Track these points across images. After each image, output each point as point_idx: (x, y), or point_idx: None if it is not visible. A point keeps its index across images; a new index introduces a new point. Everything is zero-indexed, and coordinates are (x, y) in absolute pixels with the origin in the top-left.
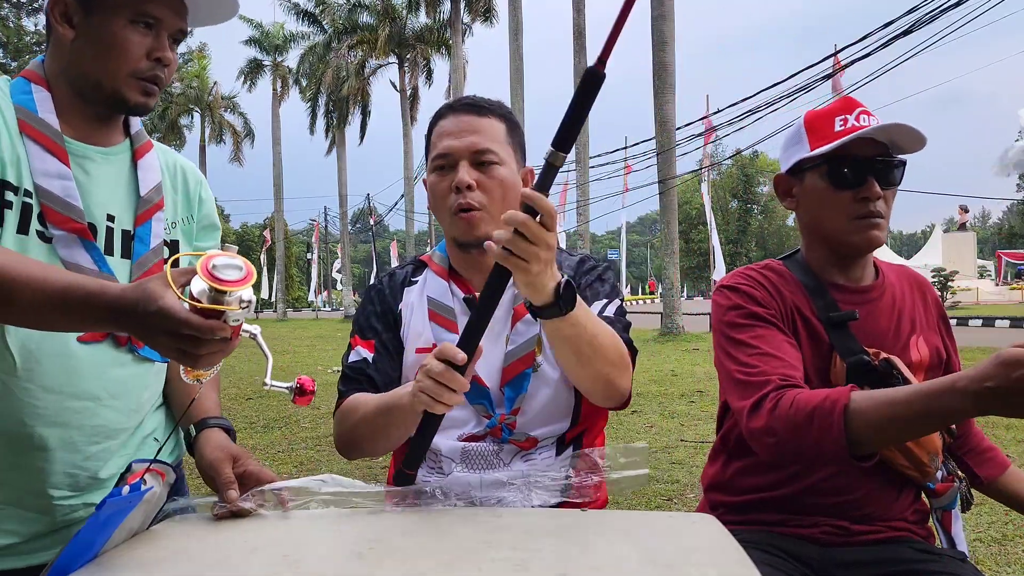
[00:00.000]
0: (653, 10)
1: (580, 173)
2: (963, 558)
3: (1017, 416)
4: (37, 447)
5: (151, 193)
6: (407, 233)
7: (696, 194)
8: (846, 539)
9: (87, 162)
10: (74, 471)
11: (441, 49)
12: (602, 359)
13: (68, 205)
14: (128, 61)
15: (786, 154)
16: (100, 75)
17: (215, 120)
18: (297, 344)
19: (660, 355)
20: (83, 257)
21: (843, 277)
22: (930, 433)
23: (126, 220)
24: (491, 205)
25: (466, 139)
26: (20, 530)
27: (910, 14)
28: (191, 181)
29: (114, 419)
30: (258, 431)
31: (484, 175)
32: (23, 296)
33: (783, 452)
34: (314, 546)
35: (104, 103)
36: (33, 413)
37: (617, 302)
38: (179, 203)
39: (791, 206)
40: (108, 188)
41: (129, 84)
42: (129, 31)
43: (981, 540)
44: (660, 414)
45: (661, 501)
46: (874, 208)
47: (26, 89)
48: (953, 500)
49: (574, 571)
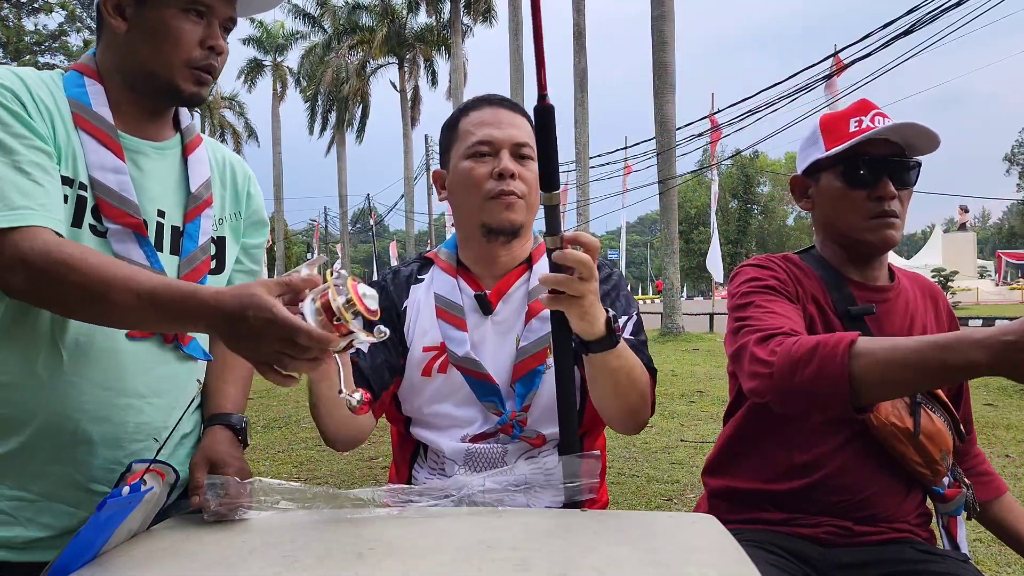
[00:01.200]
0: (653, 10)
1: (580, 173)
2: (965, 559)
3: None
4: (81, 441)
5: (200, 189)
6: (407, 233)
7: (696, 194)
8: (848, 539)
9: (140, 157)
10: (115, 466)
11: (441, 49)
12: (635, 392)
13: (124, 199)
14: (183, 50)
15: (802, 155)
16: (155, 65)
17: (215, 120)
18: None
19: (660, 355)
20: (136, 252)
21: (859, 275)
22: (937, 387)
23: (176, 216)
24: (529, 195)
25: (508, 131)
26: (53, 523)
27: (910, 14)
28: (239, 177)
29: (156, 416)
30: (258, 431)
31: (523, 167)
32: (118, 296)
33: (780, 388)
34: (314, 546)
35: (158, 94)
36: (79, 408)
37: (635, 317)
38: (227, 199)
39: (807, 207)
40: (160, 183)
41: (183, 74)
42: (182, 20)
43: (981, 540)
44: (660, 414)
45: (661, 501)
46: (889, 208)
47: (79, 83)
48: (959, 506)
49: (574, 571)
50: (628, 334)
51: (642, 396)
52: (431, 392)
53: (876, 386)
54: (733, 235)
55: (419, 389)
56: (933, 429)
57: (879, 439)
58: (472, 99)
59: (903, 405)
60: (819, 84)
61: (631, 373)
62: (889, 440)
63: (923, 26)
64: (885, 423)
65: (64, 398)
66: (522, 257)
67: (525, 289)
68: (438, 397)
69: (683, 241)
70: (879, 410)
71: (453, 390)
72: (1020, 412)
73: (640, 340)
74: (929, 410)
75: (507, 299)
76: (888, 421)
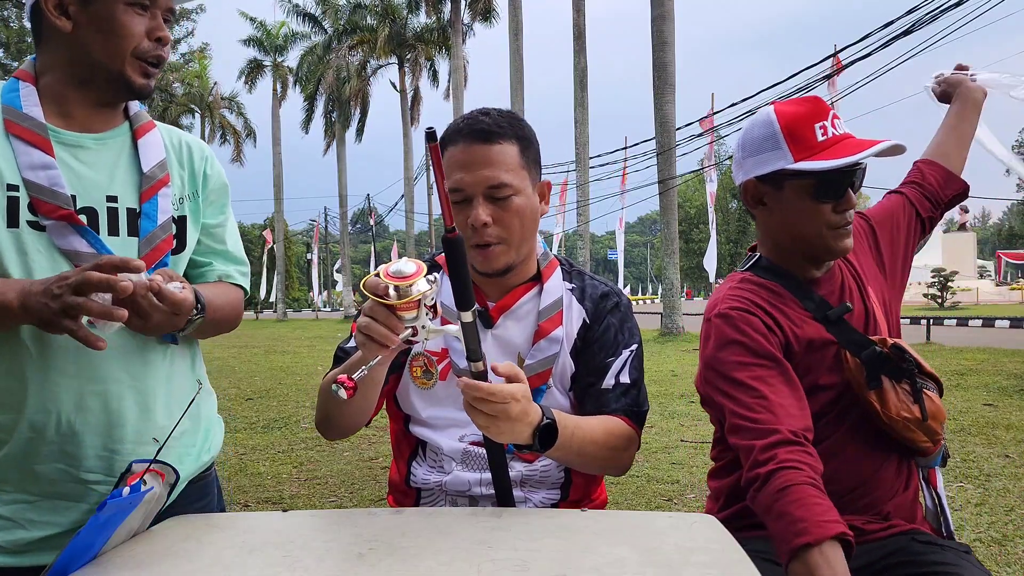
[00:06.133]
0: (653, 10)
1: (580, 173)
2: (967, 550)
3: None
4: (67, 434)
5: (154, 169)
6: (407, 234)
7: (696, 193)
8: (858, 539)
9: (80, 151)
10: (105, 454)
11: (441, 49)
12: (592, 462)
13: (55, 194)
14: (131, 42)
15: (759, 158)
16: (105, 59)
17: (215, 120)
18: (297, 344)
19: (660, 355)
20: (79, 243)
21: (817, 271)
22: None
23: (130, 199)
24: (510, 236)
25: (479, 173)
26: (56, 521)
27: (910, 14)
28: (196, 157)
29: (138, 400)
30: (258, 431)
31: (500, 208)
32: None
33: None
34: (314, 546)
35: (108, 88)
36: (57, 400)
37: (635, 349)
38: (185, 179)
39: (760, 212)
40: (106, 171)
41: (132, 65)
42: (128, 14)
43: (981, 540)
44: (660, 414)
45: (661, 501)
46: (848, 217)
47: (14, 88)
48: (938, 458)
49: (574, 571)
50: (620, 377)
51: (606, 459)
52: (431, 396)
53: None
54: (733, 235)
55: (418, 391)
56: (934, 408)
57: (890, 432)
58: (452, 127)
59: (905, 395)
60: (819, 84)
61: (582, 452)
62: (901, 432)
63: (923, 26)
64: (896, 418)
65: (41, 392)
66: (528, 275)
67: (533, 306)
68: (437, 401)
69: (683, 241)
70: (888, 407)
71: (453, 396)
72: (1020, 412)
73: (629, 382)
74: (928, 391)
75: (511, 315)
76: (899, 416)
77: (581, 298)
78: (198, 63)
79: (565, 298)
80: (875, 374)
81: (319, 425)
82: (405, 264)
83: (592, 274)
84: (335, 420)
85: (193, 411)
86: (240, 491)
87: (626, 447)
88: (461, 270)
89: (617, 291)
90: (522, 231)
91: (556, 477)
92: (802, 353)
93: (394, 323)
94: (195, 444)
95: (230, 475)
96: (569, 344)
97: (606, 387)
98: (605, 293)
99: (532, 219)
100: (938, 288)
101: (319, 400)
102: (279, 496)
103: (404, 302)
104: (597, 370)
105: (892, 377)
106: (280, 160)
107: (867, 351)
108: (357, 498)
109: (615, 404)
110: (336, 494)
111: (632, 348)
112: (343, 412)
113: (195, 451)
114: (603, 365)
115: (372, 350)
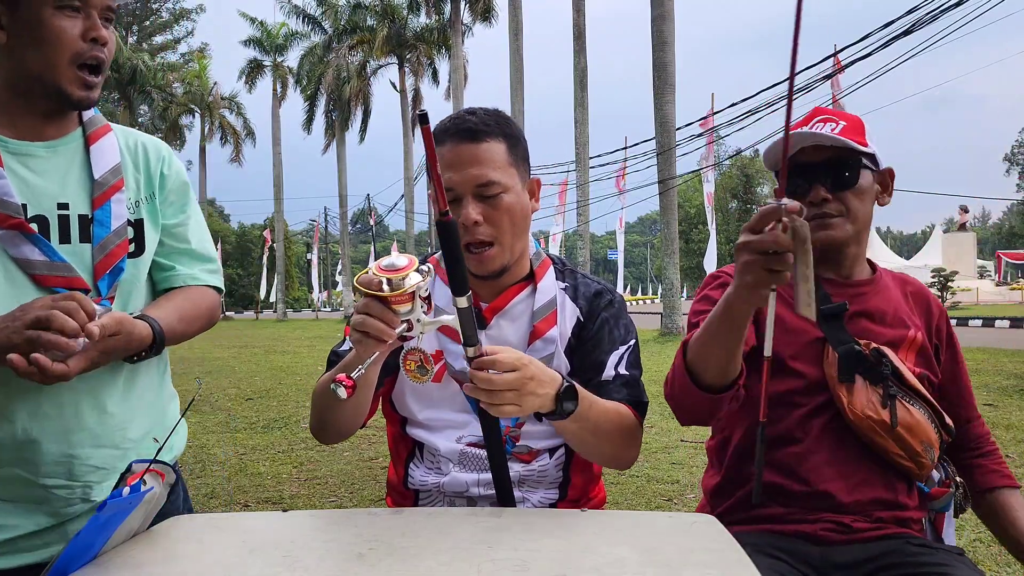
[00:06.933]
0: (653, 10)
1: (580, 173)
2: (960, 552)
3: (750, 299)
4: (25, 440)
5: (106, 176)
6: (407, 234)
7: (696, 193)
8: (848, 536)
9: (30, 159)
10: (64, 460)
11: (441, 49)
12: (606, 443)
13: (3, 203)
14: (65, 47)
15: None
16: (40, 69)
17: (215, 120)
18: (297, 344)
19: (660, 355)
20: (31, 251)
21: (834, 273)
22: (738, 337)
23: (82, 205)
24: (501, 236)
25: (467, 172)
26: (23, 523)
27: (910, 14)
28: (153, 158)
29: (97, 404)
30: (258, 431)
31: (490, 207)
32: None
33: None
34: (314, 546)
35: (47, 98)
36: (13, 409)
37: (632, 344)
38: (141, 181)
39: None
40: (57, 178)
41: (68, 75)
42: (58, 17)
43: (981, 540)
44: (660, 414)
45: (661, 501)
46: (821, 210)
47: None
48: (947, 504)
49: (574, 571)
50: (619, 368)
51: (616, 444)
52: (427, 398)
53: (697, 357)
54: (733, 235)
55: (414, 393)
56: (911, 421)
57: (858, 434)
58: (439, 127)
59: (876, 397)
60: (819, 84)
61: (597, 430)
62: (868, 434)
63: (923, 26)
64: (861, 416)
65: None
66: (521, 274)
67: (527, 307)
68: (434, 403)
69: (683, 241)
70: (854, 404)
71: (450, 398)
72: (1020, 412)
73: (630, 376)
74: (906, 403)
75: (504, 315)
76: (864, 414)
77: (575, 297)
78: (198, 63)
79: (559, 297)
80: (849, 369)
81: (314, 430)
82: (397, 258)
83: (584, 272)
84: (331, 423)
85: (157, 413)
86: (240, 491)
87: (632, 434)
88: (456, 252)
89: (610, 289)
90: (513, 229)
91: (554, 476)
92: (783, 334)
93: (389, 317)
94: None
95: (230, 475)
96: (563, 343)
97: (606, 379)
98: (598, 291)
99: (523, 217)
100: (938, 288)
101: (313, 405)
102: (279, 496)
103: (398, 294)
104: (595, 365)
105: (867, 379)
106: (280, 160)
107: (845, 347)
108: (357, 498)
109: (617, 394)
110: (336, 494)
111: (630, 344)
112: (338, 415)
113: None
114: (601, 361)
115: (368, 347)
